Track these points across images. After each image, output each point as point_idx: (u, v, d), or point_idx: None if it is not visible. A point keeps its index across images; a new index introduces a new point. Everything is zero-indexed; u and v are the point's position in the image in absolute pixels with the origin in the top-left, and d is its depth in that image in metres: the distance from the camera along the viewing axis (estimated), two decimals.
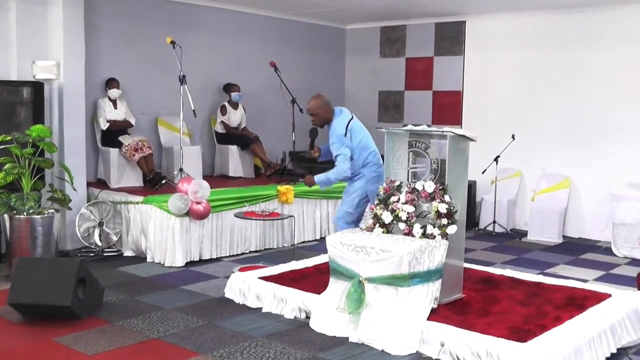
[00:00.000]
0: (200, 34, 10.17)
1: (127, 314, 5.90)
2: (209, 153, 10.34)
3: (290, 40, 11.53)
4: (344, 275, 5.50)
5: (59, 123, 8.09)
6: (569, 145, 9.96)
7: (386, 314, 5.20)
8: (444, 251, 5.42)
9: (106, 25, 9.11)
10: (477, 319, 5.27)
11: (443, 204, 5.47)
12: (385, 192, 5.85)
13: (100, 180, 9.02)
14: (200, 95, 9.72)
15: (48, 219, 7.02)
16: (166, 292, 6.62)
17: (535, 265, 8.10)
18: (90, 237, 8.00)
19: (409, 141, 5.84)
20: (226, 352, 5.02)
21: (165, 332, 5.46)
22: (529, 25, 10.35)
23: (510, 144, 9.80)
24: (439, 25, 11.35)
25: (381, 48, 12.15)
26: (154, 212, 7.80)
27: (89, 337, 5.32)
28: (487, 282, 6.36)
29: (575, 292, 6.01)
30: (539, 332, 4.91)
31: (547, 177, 10.15)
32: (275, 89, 9.42)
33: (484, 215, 10.41)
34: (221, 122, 10.12)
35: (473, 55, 11.02)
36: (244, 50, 10.82)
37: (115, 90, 8.85)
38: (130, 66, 9.37)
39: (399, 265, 5.17)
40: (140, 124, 9.42)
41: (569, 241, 9.69)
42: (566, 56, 9.96)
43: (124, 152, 8.76)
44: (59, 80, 8.02)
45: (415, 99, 11.69)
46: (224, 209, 8.06)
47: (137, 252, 8.06)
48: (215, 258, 8.02)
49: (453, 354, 4.88)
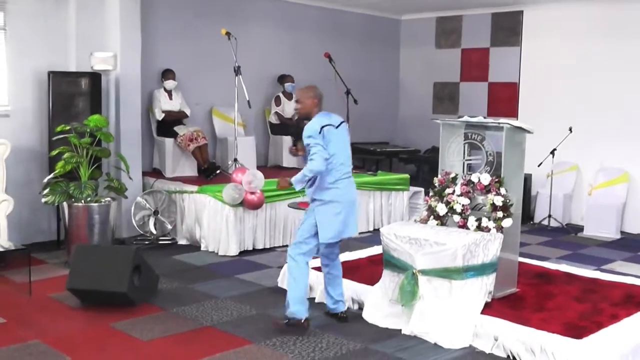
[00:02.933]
0: (255, 25, 10.21)
1: (181, 301, 5.98)
2: (263, 144, 10.39)
3: (345, 31, 11.50)
4: (397, 267, 5.47)
5: (116, 113, 8.23)
6: (627, 139, 9.74)
7: (439, 307, 5.17)
8: (498, 245, 5.36)
9: (162, 17, 9.21)
10: (531, 314, 5.20)
11: (499, 197, 5.40)
12: (440, 183, 5.80)
13: (156, 169, 9.14)
14: (255, 86, 9.74)
15: (105, 207, 7.14)
16: (220, 281, 6.69)
17: (592, 261, 7.96)
18: (146, 225, 8.12)
19: (465, 133, 5.78)
20: (279, 342, 5.05)
21: (219, 320, 5.52)
22: (587, 15, 10.13)
23: (567, 137, 9.62)
24: (496, 15, 11.20)
25: (436, 39, 12.04)
26: (208, 202, 7.87)
27: (144, 323, 5.40)
28: (541, 277, 6.28)
29: (633, 289, 5.90)
30: (595, 329, 4.84)
31: (604, 171, 9.94)
32: (329, 80, 9.38)
33: (539, 209, 10.25)
34: (275, 112, 10.16)
35: (530, 46, 10.84)
36: (298, 41, 10.83)
37: (171, 81, 8.95)
38: (186, 57, 9.46)
39: (453, 258, 5.13)
40: (195, 114, 9.51)
41: (627, 237, 9.48)
42: (625, 47, 9.72)
43: (179, 142, 8.86)
44: (116, 71, 8.14)
45: (471, 91, 11.56)
46: (277, 199, 8.09)
47: (191, 240, 8.15)
48: (269, 248, 8.06)
49: (507, 349, 4.83)
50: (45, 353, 4.79)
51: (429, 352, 4.92)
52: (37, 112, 7.90)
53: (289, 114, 10.23)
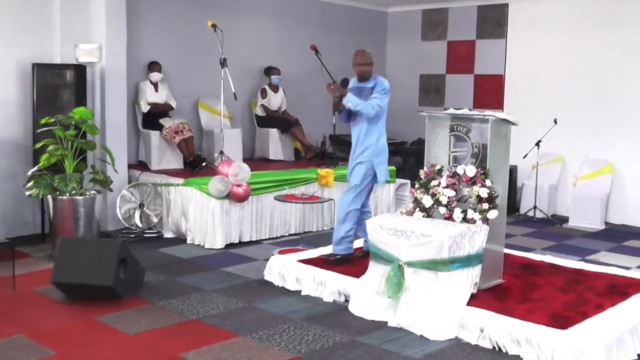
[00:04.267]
0: (241, 17, 10.18)
1: (168, 294, 5.96)
2: (249, 136, 10.37)
3: (331, 23, 11.49)
4: (383, 259, 5.48)
5: (101, 106, 8.17)
6: (611, 130, 9.79)
7: (425, 298, 5.18)
8: (484, 236, 5.38)
9: (148, 9, 9.17)
10: (517, 305, 5.23)
11: (484, 189, 5.42)
12: (426, 175, 5.81)
13: (141, 162, 9.11)
14: (241, 78, 9.73)
15: (90, 200, 7.11)
16: (206, 274, 6.68)
17: (577, 251, 8.00)
18: (131, 218, 8.09)
19: (450, 125, 5.79)
20: (265, 334, 5.05)
21: (205, 313, 5.51)
22: (571, 8, 10.17)
23: (552, 129, 9.66)
24: (481, 8, 11.22)
25: (423, 31, 12.05)
26: (194, 194, 7.86)
27: (130, 316, 5.39)
28: (527, 268, 6.31)
29: (617, 279, 5.94)
30: (580, 320, 4.86)
31: (589, 163, 9.99)
32: (315, 72, 9.33)
33: (524, 201, 10.30)
34: (261, 105, 10.15)
35: (515, 38, 10.87)
36: (284, 33, 10.81)
37: (156, 73, 8.92)
38: (172, 50, 9.43)
39: (439, 249, 5.15)
40: (181, 106, 9.48)
41: (612, 228, 9.55)
42: (609, 39, 9.77)
43: (164, 135, 8.83)
44: (101, 63, 8.09)
45: (457, 83, 11.59)
46: (264, 191, 8.09)
47: (177, 233, 8.13)
48: (255, 240, 8.06)
49: (492, 340, 4.85)
50: (29, 347, 4.76)
51: (415, 344, 4.93)
52: (21, 104, 7.84)
53: (275, 106, 10.22)
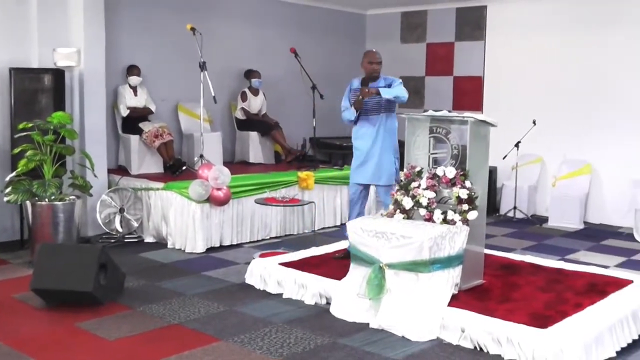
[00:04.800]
0: (220, 20, 10.17)
1: (148, 299, 5.94)
2: (229, 139, 10.35)
3: (311, 26, 11.50)
4: (364, 261, 5.49)
5: (80, 110, 8.12)
6: (590, 131, 9.87)
7: (406, 300, 5.20)
8: (464, 237, 5.41)
9: (126, 12, 9.14)
10: (497, 305, 5.25)
11: (464, 190, 5.45)
12: (406, 177, 5.83)
13: (121, 166, 9.07)
14: (221, 81, 9.72)
15: (69, 205, 7.07)
16: (187, 278, 6.65)
17: (556, 251, 8.06)
18: (111, 223, 8.05)
19: (430, 127, 5.82)
20: (247, 338, 5.04)
21: (186, 317, 5.49)
22: (549, 10, 10.25)
23: (531, 130, 9.73)
24: (460, 10, 11.27)
25: (402, 34, 12.09)
26: (174, 199, 7.83)
27: (111, 322, 5.36)
28: (507, 268, 6.34)
29: (596, 278, 5.98)
30: (560, 318, 4.89)
31: (568, 163, 10.07)
32: (295, 75, 9.39)
33: (504, 201, 10.35)
34: (241, 108, 10.13)
35: (494, 40, 10.94)
36: (264, 36, 10.81)
37: (135, 77, 8.89)
38: (151, 53, 9.40)
39: (419, 251, 5.16)
40: (161, 110, 9.45)
41: (590, 227, 9.62)
42: (587, 41, 9.85)
43: (144, 139, 8.80)
44: (80, 67, 8.04)
45: (436, 85, 11.63)
46: (244, 195, 8.07)
47: (158, 238, 8.10)
48: (236, 244, 8.04)
49: (473, 340, 4.87)
50: (9, 355, 4.71)
51: (397, 345, 4.94)
52: None
53: (255, 110, 10.21)
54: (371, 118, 6.74)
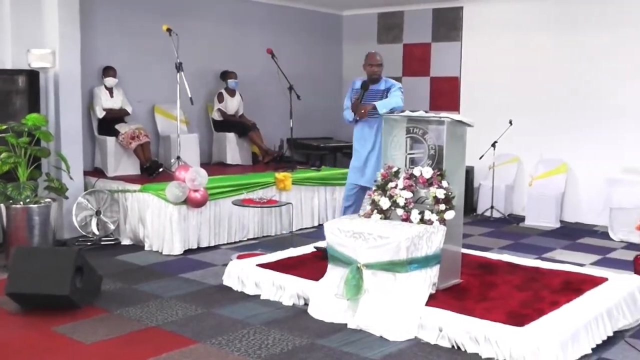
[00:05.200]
0: (196, 21, 10.13)
1: (125, 302, 5.90)
2: (206, 141, 10.32)
3: (287, 27, 11.49)
4: (342, 262, 5.50)
5: (55, 112, 8.05)
6: (565, 131, 9.95)
7: (384, 300, 5.21)
8: (441, 237, 5.43)
9: (102, 13, 9.08)
10: (475, 304, 5.27)
11: (441, 190, 5.47)
12: (383, 178, 5.85)
13: (97, 169, 9.00)
14: (197, 82, 9.69)
15: (45, 208, 7.01)
16: (164, 281, 6.62)
17: (533, 250, 8.11)
18: (88, 226, 7.99)
19: (407, 127, 5.84)
20: (225, 340, 5.02)
21: (164, 320, 5.46)
22: (525, 10, 10.32)
23: (507, 130, 9.79)
24: (436, 11, 11.32)
25: (378, 34, 12.11)
26: (151, 201, 7.79)
27: (87, 326, 5.32)
28: (484, 267, 6.37)
29: (572, 276, 6.03)
30: (536, 317, 4.93)
31: (544, 163, 10.14)
32: (272, 76, 9.39)
33: (481, 201, 10.41)
34: (218, 109, 10.11)
35: (470, 41, 10.99)
36: (240, 37, 10.79)
37: (111, 78, 8.83)
38: (127, 54, 9.34)
39: (397, 251, 5.18)
40: (137, 112, 9.40)
41: (566, 226, 9.70)
42: (562, 41, 9.94)
43: (120, 141, 8.74)
44: (55, 68, 7.98)
45: (413, 85, 11.64)
46: (221, 196, 8.05)
47: (135, 240, 8.05)
48: (213, 246, 8.01)
49: (451, 339, 4.89)
50: None
51: (375, 345, 4.95)
52: None
53: (232, 111, 10.19)
54: (371, 121, 6.82)
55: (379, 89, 6.84)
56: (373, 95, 6.85)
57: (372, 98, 6.80)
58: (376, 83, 6.90)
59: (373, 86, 6.87)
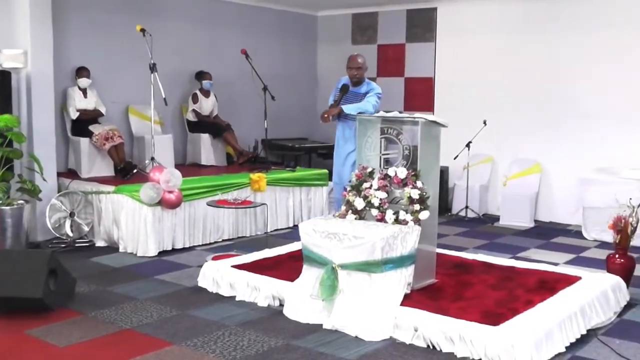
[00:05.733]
0: (170, 21, 10.08)
1: (100, 304, 5.85)
2: (180, 141, 10.28)
3: (262, 27, 11.48)
4: (317, 262, 5.50)
5: (28, 113, 7.97)
6: (539, 131, 10.04)
7: (359, 300, 5.21)
8: (416, 237, 5.44)
9: (75, 13, 9.01)
10: (450, 303, 5.30)
11: (415, 190, 5.49)
12: (357, 178, 5.85)
13: (71, 170, 8.93)
14: (171, 83, 9.65)
15: (17, 210, 6.95)
16: (139, 282, 6.58)
17: (507, 249, 8.17)
18: (62, 227, 7.92)
19: (381, 127, 5.85)
20: (200, 342, 5.00)
21: (139, 322, 5.43)
22: (498, 12, 10.39)
23: (481, 130, 9.85)
24: (411, 12, 11.36)
25: (353, 35, 12.13)
26: (125, 202, 7.74)
27: (61, 329, 5.27)
28: (459, 267, 6.40)
29: (546, 275, 6.08)
30: (511, 316, 4.95)
31: (518, 162, 10.22)
32: (246, 76, 9.37)
33: (456, 201, 10.46)
34: (193, 110, 10.07)
35: (444, 41, 11.05)
36: (215, 38, 10.76)
37: (84, 79, 8.76)
38: (100, 55, 9.27)
39: (371, 251, 5.18)
40: (111, 113, 9.33)
41: (541, 225, 9.78)
42: (536, 42, 10.02)
43: (94, 142, 8.68)
44: (27, 69, 7.90)
45: (387, 86, 11.64)
46: (196, 197, 8.02)
47: (109, 242, 8.00)
48: (188, 247, 7.98)
49: (426, 339, 4.90)
50: None
51: (351, 345, 4.95)
52: None
53: (206, 111, 10.16)
54: (349, 122, 6.84)
55: (360, 92, 6.89)
56: (353, 98, 6.92)
57: (352, 101, 6.85)
58: (358, 86, 6.92)
59: (354, 89, 6.92)
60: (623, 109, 9.35)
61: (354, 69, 6.99)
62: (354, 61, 7.00)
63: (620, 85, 9.35)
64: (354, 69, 6.98)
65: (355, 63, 6.99)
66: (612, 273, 6.15)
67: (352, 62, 7.00)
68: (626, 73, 9.30)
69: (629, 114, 9.30)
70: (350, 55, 7.13)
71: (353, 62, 7.00)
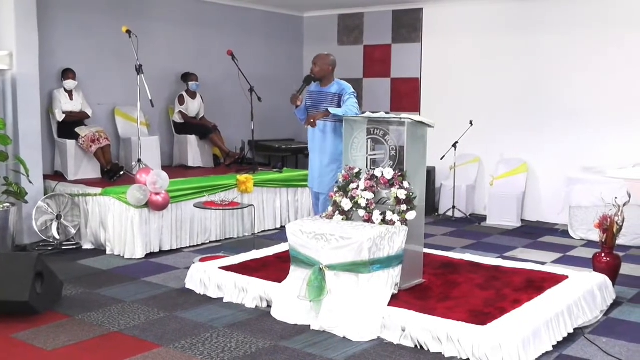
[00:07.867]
0: (156, 23, 10.06)
1: (87, 307, 5.83)
2: (167, 143, 10.26)
3: (248, 28, 11.47)
4: (304, 263, 5.50)
5: (14, 115, 7.92)
6: (525, 131, 10.09)
7: (347, 300, 5.22)
8: (403, 237, 5.46)
9: (60, 14, 8.97)
10: (437, 303, 5.31)
11: (402, 190, 5.50)
12: (344, 179, 5.86)
13: (58, 172, 8.90)
14: (158, 85, 9.62)
15: (3, 213, 6.92)
16: (126, 285, 6.56)
17: (495, 249, 8.19)
18: (48, 230, 7.89)
19: (368, 128, 5.85)
20: (188, 344, 5.00)
21: (126, 324, 5.42)
22: (484, 12, 10.43)
23: (468, 130, 9.88)
24: (397, 12, 11.38)
25: (339, 36, 12.14)
26: (112, 204, 7.72)
27: (48, 332, 5.25)
28: (447, 266, 6.42)
29: (533, 274, 6.10)
30: (498, 315, 4.98)
31: (505, 162, 10.26)
32: (233, 78, 9.36)
33: (443, 201, 10.49)
34: (179, 112, 10.05)
35: (430, 42, 11.07)
36: (201, 39, 10.74)
37: (70, 81, 8.73)
38: (86, 56, 9.24)
39: (359, 251, 5.19)
40: (97, 115, 9.30)
41: (527, 225, 9.82)
42: (522, 42, 10.06)
43: (81, 144, 8.65)
44: (12, 71, 7.86)
45: (374, 87, 11.72)
46: (183, 199, 8.00)
47: (97, 244, 7.97)
48: (176, 249, 7.97)
49: (414, 339, 4.92)
50: None
51: (338, 346, 4.96)
52: None
53: (193, 113, 10.14)
54: (319, 123, 6.81)
55: (330, 91, 6.84)
56: (323, 98, 6.87)
57: (321, 101, 6.84)
58: (327, 85, 6.91)
59: (323, 88, 6.89)
60: (608, 109, 9.41)
61: (312, 64, 6.98)
62: (318, 59, 6.98)
63: (605, 84, 9.41)
64: (316, 66, 6.94)
65: (315, 59, 6.99)
66: (599, 272, 6.18)
67: (317, 59, 6.99)
68: (611, 73, 9.36)
69: (614, 113, 9.36)
70: (319, 54, 7.11)
71: (318, 59, 6.98)
